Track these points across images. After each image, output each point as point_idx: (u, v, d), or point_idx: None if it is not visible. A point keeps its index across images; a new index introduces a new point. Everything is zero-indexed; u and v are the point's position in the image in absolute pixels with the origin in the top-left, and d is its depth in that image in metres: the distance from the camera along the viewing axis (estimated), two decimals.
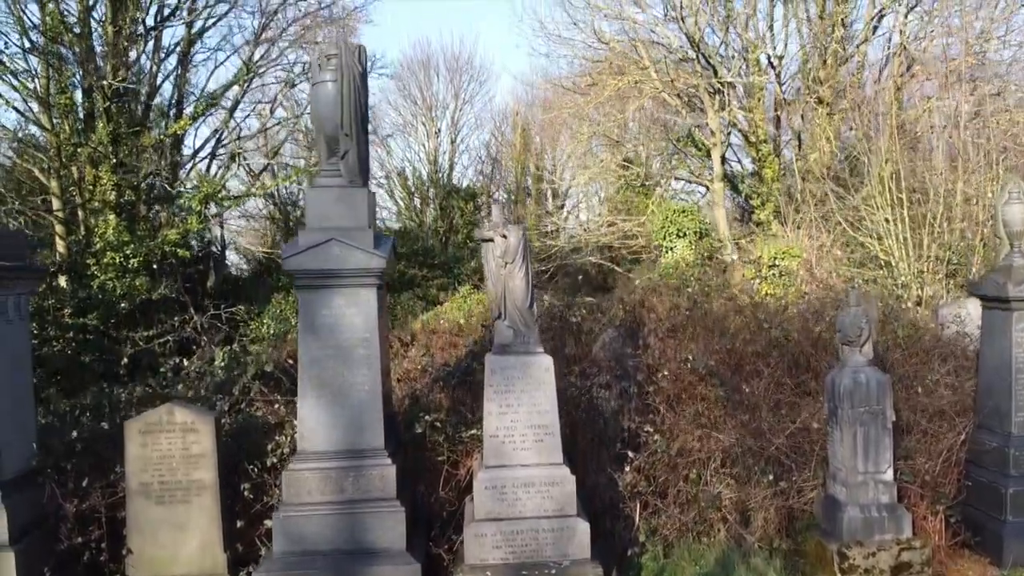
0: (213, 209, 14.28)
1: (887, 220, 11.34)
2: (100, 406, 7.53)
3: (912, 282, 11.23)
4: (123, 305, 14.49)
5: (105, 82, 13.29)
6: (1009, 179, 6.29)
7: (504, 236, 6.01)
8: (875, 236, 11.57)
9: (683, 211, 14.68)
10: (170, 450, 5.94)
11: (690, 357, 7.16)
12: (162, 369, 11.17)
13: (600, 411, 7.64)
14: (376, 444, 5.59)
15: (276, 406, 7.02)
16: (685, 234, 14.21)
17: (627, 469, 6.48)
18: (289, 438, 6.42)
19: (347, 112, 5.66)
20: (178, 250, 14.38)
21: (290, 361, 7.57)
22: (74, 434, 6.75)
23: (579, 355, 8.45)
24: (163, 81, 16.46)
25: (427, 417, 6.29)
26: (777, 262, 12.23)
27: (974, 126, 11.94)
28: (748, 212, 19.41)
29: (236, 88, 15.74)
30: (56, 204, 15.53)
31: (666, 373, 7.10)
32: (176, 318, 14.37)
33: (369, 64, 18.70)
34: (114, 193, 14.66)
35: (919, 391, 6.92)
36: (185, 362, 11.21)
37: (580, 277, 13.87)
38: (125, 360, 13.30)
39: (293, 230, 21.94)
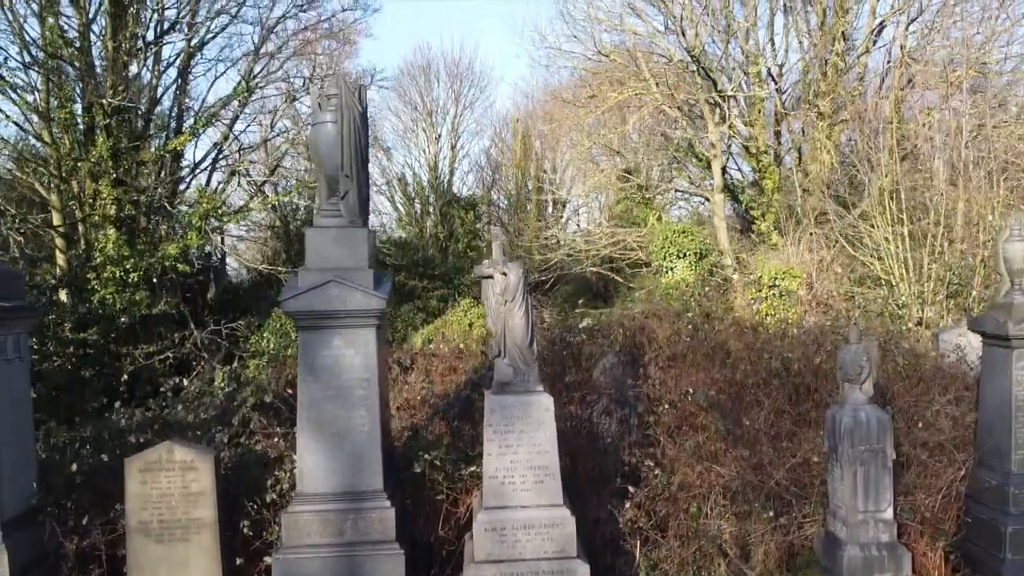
0: (213, 223, 14.27)
1: (887, 239, 11.33)
2: (100, 438, 7.51)
3: (912, 302, 11.22)
4: (123, 320, 14.51)
5: (105, 100, 13.27)
6: (1010, 215, 6.28)
7: (504, 274, 6.01)
8: (875, 256, 11.55)
9: (683, 231, 14.67)
10: (169, 488, 5.94)
11: (690, 390, 7.15)
12: (162, 389, 11.20)
13: (601, 439, 7.65)
14: (375, 486, 5.59)
15: (275, 439, 7.02)
16: (685, 254, 14.19)
17: (627, 505, 6.48)
18: (288, 473, 6.43)
19: (347, 153, 5.66)
20: (178, 265, 14.38)
21: (289, 391, 7.55)
22: (74, 467, 6.80)
23: (579, 381, 8.45)
24: (163, 94, 16.46)
25: (426, 456, 6.28)
26: (777, 283, 12.22)
27: (975, 145, 11.91)
28: (749, 222, 19.38)
29: (236, 102, 15.71)
30: (56, 218, 15.55)
31: (666, 406, 7.09)
32: (176, 334, 14.40)
33: (368, 78, 18.71)
34: (114, 207, 14.67)
35: (920, 425, 6.91)
36: (185, 382, 11.24)
37: (580, 300, 13.82)
38: (125, 377, 13.34)
39: (293, 240, 21.91)
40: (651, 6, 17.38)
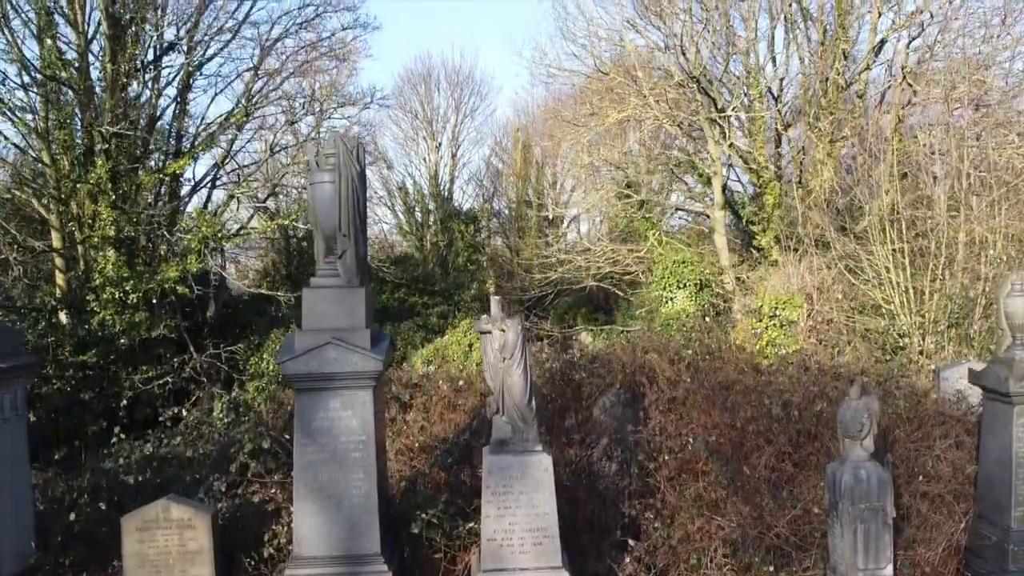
0: (213, 246, 14.26)
1: (887, 268, 11.29)
2: (98, 486, 7.50)
3: (913, 332, 11.19)
4: (123, 341, 14.51)
5: (104, 129, 13.27)
6: (1013, 271, 6.26)
7: (503, 330, 5.98)
8: (875, 283, 11.51)
9: (683, 261, 14.63)
10: (167, 547, 5.94)
11: (691, 440, 7.13)
12: (161, 418, 11.18)
13: (601, 480, 7.62)
14: (373, 549, 5.56)
15: (272, 490, 6.99)
16: (685, 285, 14.17)
17: (627, 560, 6.45)
18: (286, 528, 6.40)
19: (345, 213, 5.64)
20: (178, 288, 14.36)
21: (287, 436, 7.52)
22: (72, 516, 6.82)
23: (579, 421, 8.42)
24: (162, 112, 16.44)
25: (423, 515, 6.25)
26: (778, 312, 12.20)
27: (976, 162, 11.82)
28: (749, 237, 19.34)
29: (237, 117, 15.67)
30: (56, 237, 15.52)
31: (667, 457, 7.08)
32: (176, 359, 14.39)
33: (369, 97, 18.62)
34: (113, 228, 14.65)
35: (920, 477, 6.88)
36: (184, 412, 11.21)
37: (581, 311, 13.76)
38: (124, 403, 13.32)
39: (294, 253, 21.91)
40: (651, 25, 17.33)
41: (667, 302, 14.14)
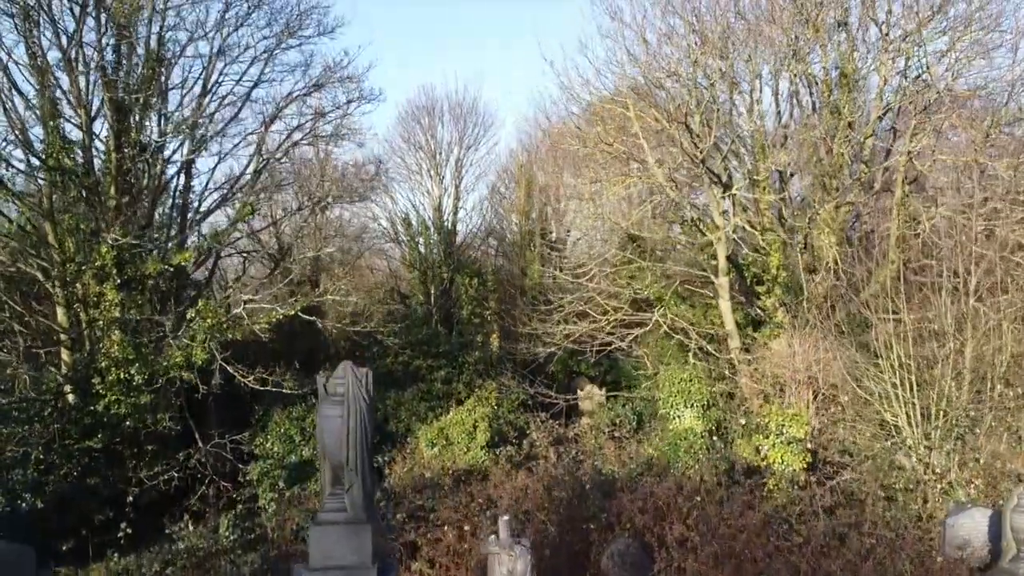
0: (218, 337, 14.29)
1: (893, 385, 11.29)
2: None
3: (919, 444, 11.18)
4: (128, 424, 14.57)
5: (111, 239, 13.32)
6: (1018, 485, 6.27)
7: (510, 555, 6.01)
8: (882, 400, 11.53)
9: (690, 379, 14.68)
10: None
11: None
12: (167, 530, 11.25)
13: None
14: None
15: None
16: (692, 405, 14.22)
17: None
18: None
19: (353, 450, 5.66)
20: (183, 374, 14.40)
21: None
22: None
23: None
24: (166, 184, 16.45)
25: None
26: (784, 429, 12.21)
27: (987, 279, 11.78)
28: (754, 297, 19.33)
29: (242, 213, 15.73)
30: (60, 313, 15.51)
31: None
32: (180, 454, 14.43)
33: (373, 168, 18.54)
34: (119, 310, 14.68)
35: None
36: (190, 527, 11.29)
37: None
38: (131, 498, 13.38)
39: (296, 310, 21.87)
40: (653, 107, 17.20)
41: (674, 419, 14.19)
